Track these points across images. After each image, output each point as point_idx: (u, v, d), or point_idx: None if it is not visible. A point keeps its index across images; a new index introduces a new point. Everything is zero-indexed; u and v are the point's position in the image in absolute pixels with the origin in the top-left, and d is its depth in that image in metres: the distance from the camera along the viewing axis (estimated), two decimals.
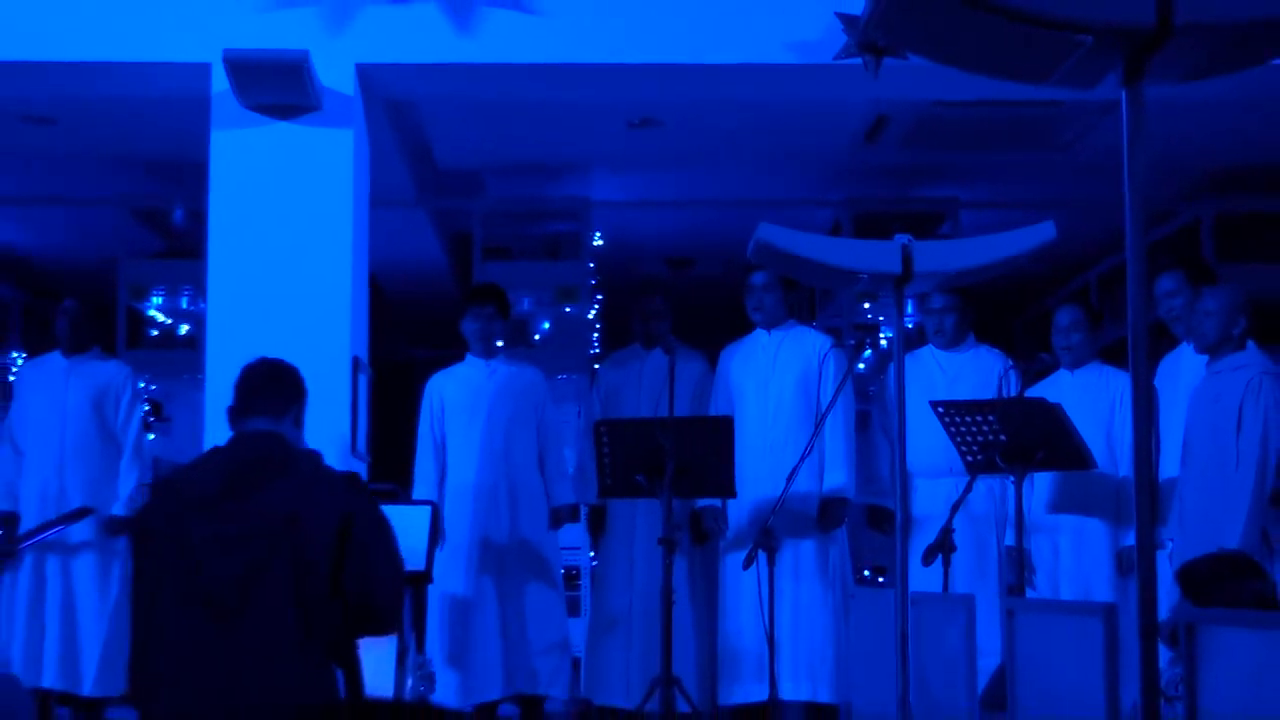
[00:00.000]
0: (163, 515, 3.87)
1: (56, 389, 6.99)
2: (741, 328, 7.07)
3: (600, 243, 10.18)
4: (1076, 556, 6.48)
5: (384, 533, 3.96)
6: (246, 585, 3.74)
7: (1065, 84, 2.95)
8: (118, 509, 6.88)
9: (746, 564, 6.23)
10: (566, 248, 10.16)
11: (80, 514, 6.64)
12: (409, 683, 5.89)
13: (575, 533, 7.27)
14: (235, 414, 4.05)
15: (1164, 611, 3.83)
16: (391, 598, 4.00)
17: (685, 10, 6.19)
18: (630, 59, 6.24)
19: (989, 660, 4.62)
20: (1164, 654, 3.62)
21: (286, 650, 3.74)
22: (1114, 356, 6.80)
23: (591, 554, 7.39)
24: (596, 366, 8.27)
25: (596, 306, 10.31)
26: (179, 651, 3.74)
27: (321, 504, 3.83)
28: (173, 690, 3.72)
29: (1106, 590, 6.34)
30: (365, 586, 3.86)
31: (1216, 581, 4.21)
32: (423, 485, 6.90)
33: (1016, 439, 5.72)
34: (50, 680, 6.73)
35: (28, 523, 6.77)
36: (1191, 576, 4.29)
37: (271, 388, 4.06)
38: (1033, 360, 6.64)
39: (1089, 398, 6.43)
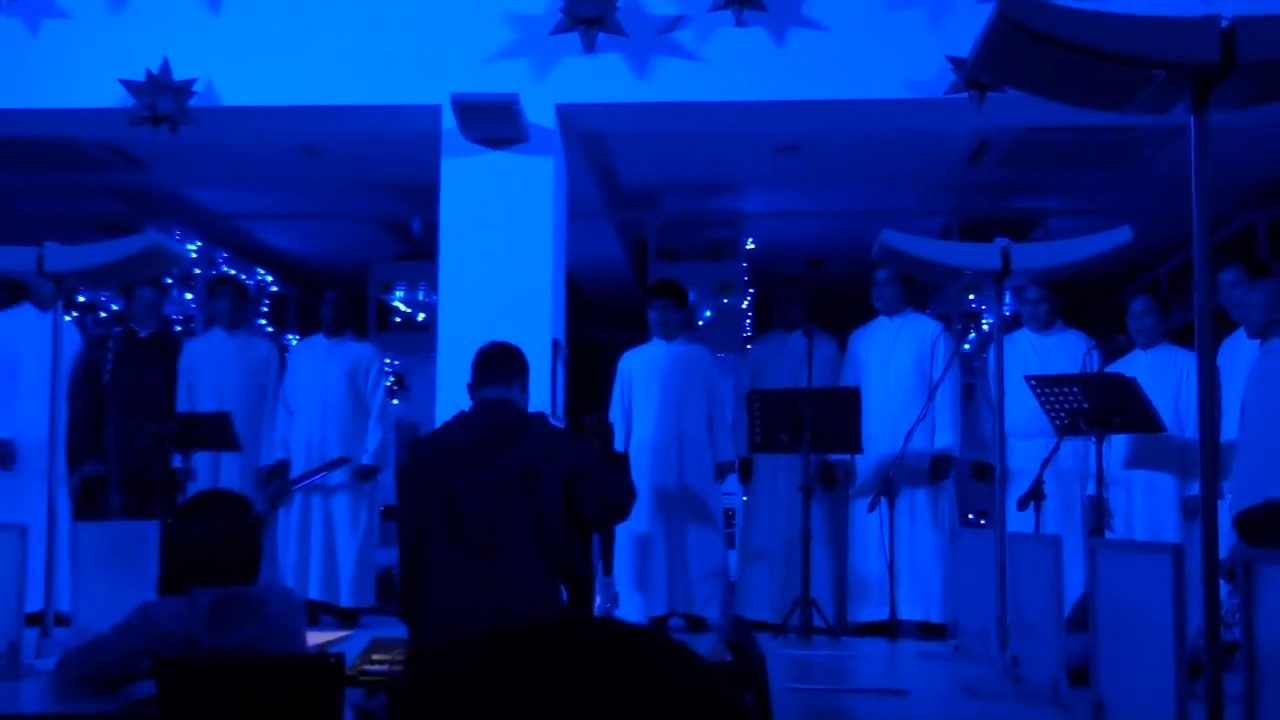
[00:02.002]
0: (427, 465, 3.90)
1: (320, 364, 7.12)
2: (867, 315, 7.01)
3: (752, 246, 10.15)
4: (1148, 504, 6.34)
5: (601, 463, 3.98)
6: (497, 524, 3.75)
7: (1141, 111, 2.87)
8: (366, 459, 7.03)
9: (871, 508, 6.19)
10: (725, 250, 10.16)
11: (339, 462, 6.79)
12: (599, 600, 5.95)
13: (732, 480, 7.27)
14: (473, 386, 4.09)
15: (1223, 552, 3.72)
16: (624, 499, 4.03)
17: (821, 56, 6.13)
18: (777, 97, 6.20)
19: (1073, 590, 4.52)
20: (1223, 588, 3.52)
21: (530, 578, 3.76)
22: (1181, 338, 6.62)
23: (744, 498, 7.38)
24: (748, 347, 8.23)
25: (749, 298, 10.29)
26: (443, 578, 3.76)
27: (553, 459, 3.85)
28: (439, 610, 3.74)
29: (1174, 533, 6.19)
30: (602, 504, 3.91)
31: (1269, 525, 4.07)
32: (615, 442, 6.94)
33: (1097, 407, 5.59)
34: (315, 593, 6.91)
35: (295, 470, 6.96)
36: (1247, 521, 4.15)
37: (502, 363, 4.09)
38: (1111, 341, 6.49)
39: (1159, 373, 6.28)
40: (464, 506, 3.78)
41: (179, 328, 9.80)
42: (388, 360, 10.32)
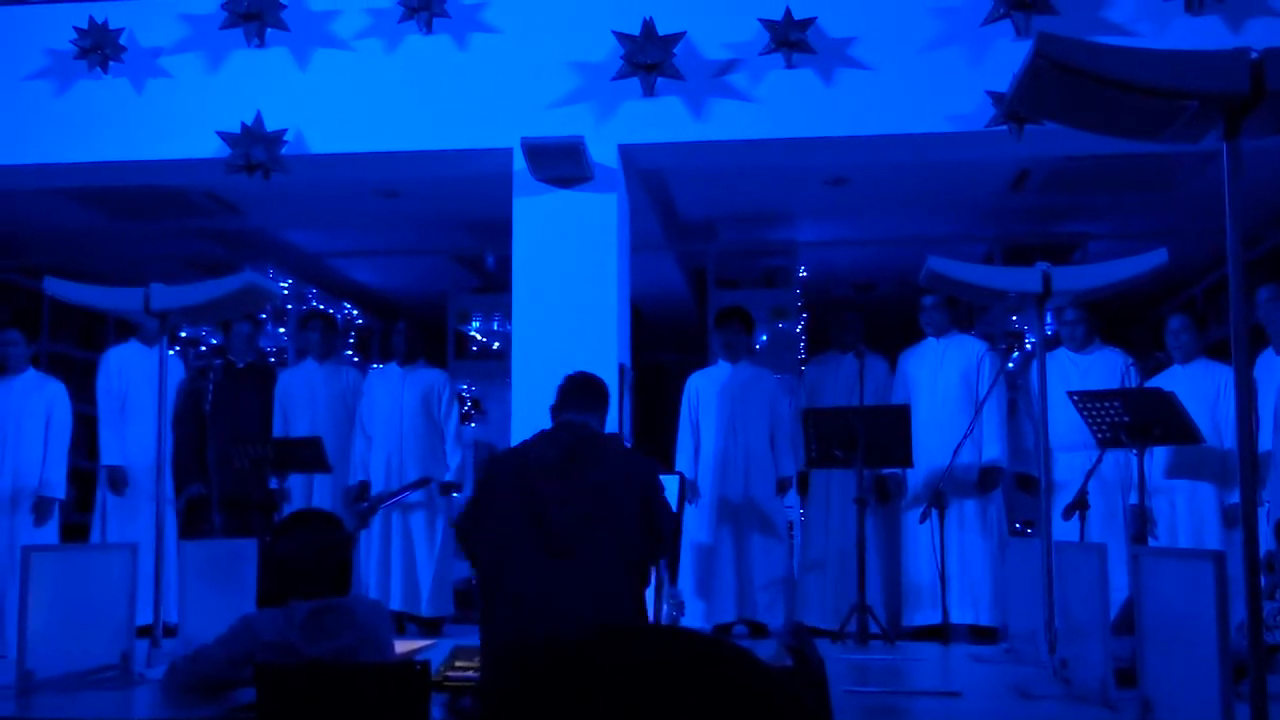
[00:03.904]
0: (511, 477, 3.93)
1: (395, 390, 7.14)
2: (915, 336, 6.96)
3: (804, 274, 10.12)
4: (1190, 512, 6.23)
5: (663, 491, 4.01)
6: (579, 530, 3.77)
7: (1174, 141, 2.84)
8: (448, 476, 7.03)
9: (923, 519, 6.14)
10: (779, 278, 10.13)
11: (422, 483, 6.81)
12: (665, 609, 5.92)
13: (792, 493, 7.24)
14: (555, 409, 4.13)
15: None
16: (670, 534, 4.03)
17: (867, 94, 6.12)
18: (826, 133, 6.19)
19: (1118, 594, 4.46)
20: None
21: (608, 578, 3.76)
22: (1217, 353, 6.51)
23: (801, 511, 7.34)
24: (803, 368, 8.20)
25: (802, 322, 10.26)
26: (526, 578, 3.75)
27: (630, 474, 3.87)
28: (520, 607, 3.72)
29: (1215, 540, 6.08)
30: (656, 527, 3.92)
31: None
32: (683, 457, 6.94)
33: (1138, 420, 5.52)
34: (397, 604, 6.91)
35: (374, 490, 6.98)
36: None
37: (588, 390, 4.14)
38: (1149, 358, 6.41)
39: (1197, 386, 6.18)
40: (548, 513, 3.79)
41: (273, 359, 9.92)
42: (466, 386, 10.39)
